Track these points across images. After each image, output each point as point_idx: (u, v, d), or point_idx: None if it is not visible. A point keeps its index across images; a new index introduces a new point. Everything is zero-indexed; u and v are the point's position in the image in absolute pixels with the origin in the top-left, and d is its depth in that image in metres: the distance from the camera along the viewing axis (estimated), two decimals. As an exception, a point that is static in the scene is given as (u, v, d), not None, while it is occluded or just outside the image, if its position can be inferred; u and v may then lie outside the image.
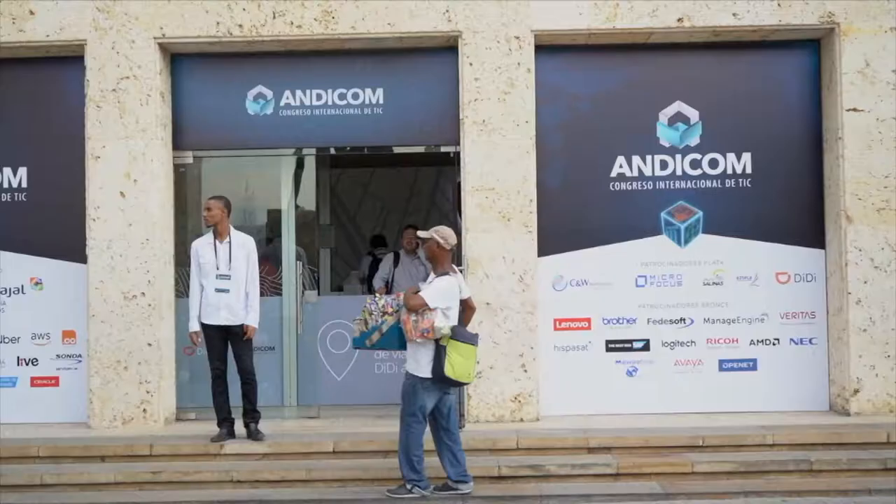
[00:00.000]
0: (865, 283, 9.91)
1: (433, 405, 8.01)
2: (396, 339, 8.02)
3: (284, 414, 10.51)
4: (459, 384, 8.05)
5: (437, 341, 7.84)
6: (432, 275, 8.13)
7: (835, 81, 10.07)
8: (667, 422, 9.74)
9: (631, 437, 9.16)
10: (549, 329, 10.28)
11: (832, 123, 10.14)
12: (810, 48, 10.41)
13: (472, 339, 8.01)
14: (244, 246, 9.31)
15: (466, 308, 8.20)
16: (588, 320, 10.35)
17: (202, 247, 9.32)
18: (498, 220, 9.97)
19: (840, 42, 10.00)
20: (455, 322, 8.00)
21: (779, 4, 9.99)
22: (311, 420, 10.27)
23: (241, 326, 9.22)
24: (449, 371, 7.82)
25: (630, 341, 10.35)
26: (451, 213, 13.86)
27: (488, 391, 9.91)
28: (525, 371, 9.92)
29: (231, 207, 9.39)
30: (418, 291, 7.95)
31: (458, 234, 10.19)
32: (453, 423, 8.18)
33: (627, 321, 10.36)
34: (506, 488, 8.42)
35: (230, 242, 9.26)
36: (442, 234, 8.12)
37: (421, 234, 8.31)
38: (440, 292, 7.91)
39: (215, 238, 9.28)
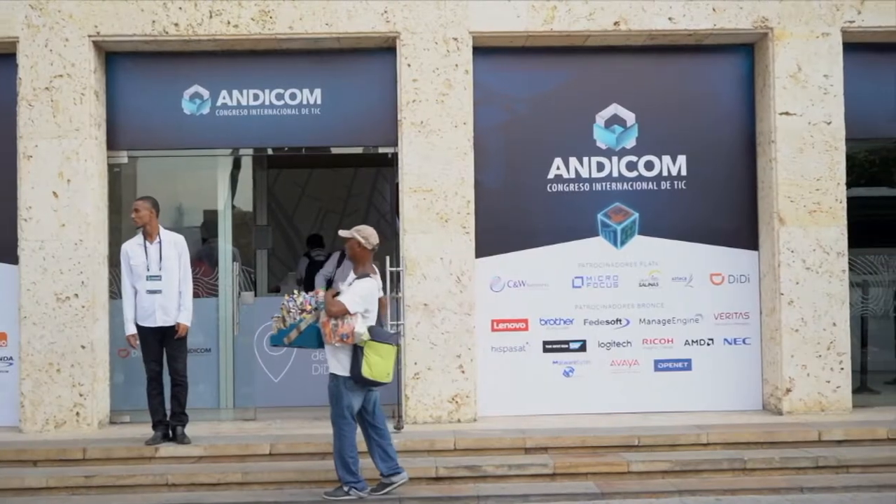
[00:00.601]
0: (797, 283, 10.06)
1: (360, 404, 7.99)
2: (315, 338, 7.98)
3: (220, 416, 10.43)
4: (378, 384, 7.98)
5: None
6: (352, 275, 8.09)
7: (768, 85, 10.21)
8: (603, 422, 9.80)
9: (567, 437, 9.21)
10: (487, 330, 10.30)
11: (765, 127, 10.28)
12: (744, 52, 10.55)
13: (390, 339, 7.99)
14: (175, 245, 9.24)
15: (380, 305, 8.18)
16: (525, 321, 10.40)
17: (132, 248, 9.23)
18: (436, 221, 9.98)
19: (773, 47, 10.14)
20: (373, 322, 7.98)
21: (714, 9, 10.11)
22: (247, 422, 10.20)
23: (175, 327, 9.16)
24: (366, 372, 7.79)
25: (567, 342, 10.41)
26: (389, 215, 13.86)
27: (426, 392, 9.91)
28: (462, 372, 9.94)
29: (159, 208, 9.31)
30: (338, 294, 7.92)
31: (397, 235, 10.22)
32: (380, 419, 8.16)
33: (564, 322, 10.42)
34: (443, 489, 8.43)
35: (160, 242, 9.18)
36: (363, 233, 8.08)
37: (342, 233, 8.23)
38: (361, 297, 7.87)
39: (145, 239, 9.19)
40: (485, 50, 10.23)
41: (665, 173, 10.50)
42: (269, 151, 11.15)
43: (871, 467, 8.77)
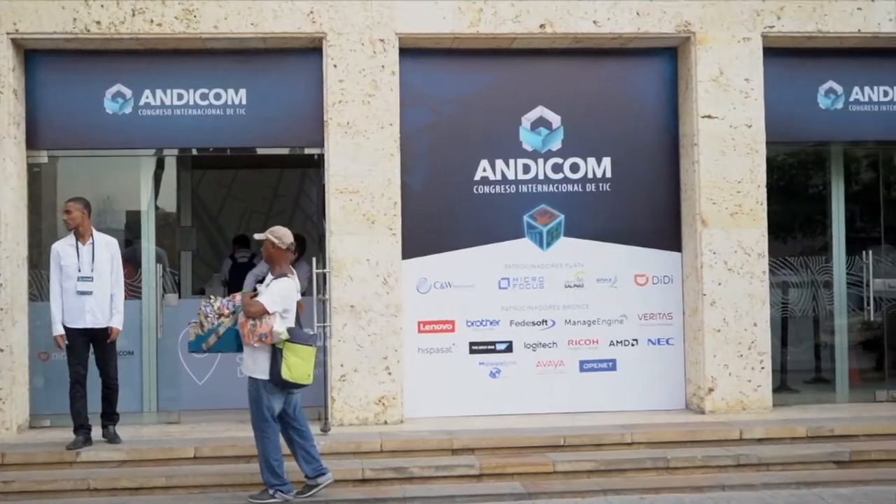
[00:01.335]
0: (720, 284, 10.21)
1: (281, 407, 7.95)
2: (234, 342, 7.95)
3: (144, 420, 10.28)
4: (298, 386, 7.94)
5: (273, 344, 7.78)
6: (270, 276, 8.05)
7: (690, 89, 10.35)
8: (529, 422, 9.85)
9: (494, 437, 9.24)
10: (414, 331, 10.30)
11: (688, 129, 10.42)
12: (668, 56, 10.68)
13: (309, 341, 7.97)
14: (108, 246, 9.14)
15: (298, 307, 8.14)
16: (452, 322, 10.41)
17: (63, 249, 9.10)
18: (362, 222, 9.95)
19: (696, 51, 10.28)
20: (292, 324, 7.94)
21: (637, 13, 10.22)
22: (171, 426, 10.08)
23: (106, 329, 9.05)
24: (286, 374, 7.76)
25: (493, 343, 10.44)
26: (316, 216, 13.78)
27: (352, 394, 9.88)
28: (389, 374, 9.92)
29: (91, 209, 9.20)
30: (256, 295, 7.87)
31: (323, 236, 10.17)
32: (301, 421, 8.12)
33: (490, 323, 10.45)
34: (370, 491, 8.41)
35: (93, 244, 9.07)
36: (277, 234, 8.04)
37: (257, 236, 8.21)
38: (279, 296, 7.83)
39: (77, 240, 9.06)
40: (412, 51, 10.23)
41: (590, 175, 10.58)
42: (194, 152, 11.02)
43: (791, 465, 8.93)
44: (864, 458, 8.98)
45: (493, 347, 10.45)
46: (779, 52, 10.47)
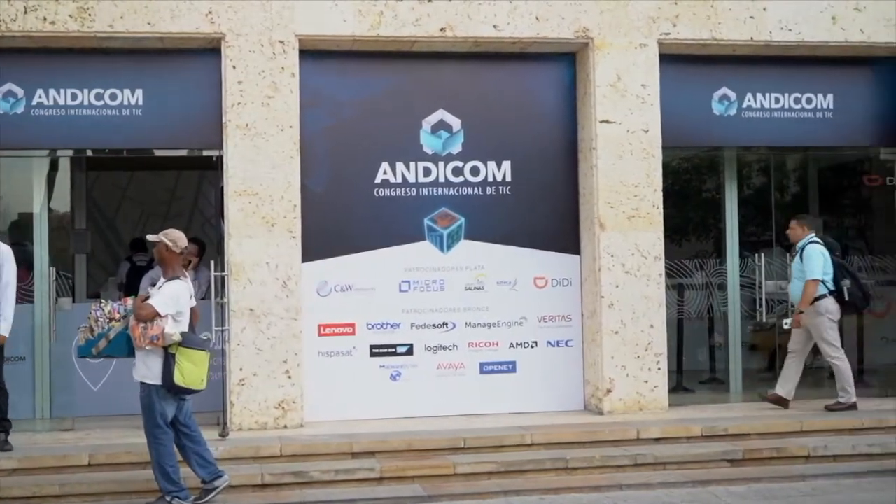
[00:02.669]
0: (617, 287, 10.35)
1: (174, 412, 7.85)
2: (125, 346, 7.81)
3: (36, 427, 10.04)
4: (191, 392, 7.84)
5: (166, 349, 7.68)
6: (162, 279, 7.95)
7: (589, 94, 10.48)
8: (430, 425, 9.86)
9: (394, 440, 9.23)
10: (314, 335, 10.23)
11: (587, 134, 10.55)
12: (567, 61, 10.80)
13: (202, 345, 7.88)
14: None
15: (192, 315, 8.04)
16: (352, 325, 10.38)
17: None
18: (261, 225, 9.86)
19: (594, 56, 10.41)
20: (185, 328, 7.84)
21: (537, 18, 10.31)
22: (65, 432, 9.84)
23: (-7, 336, 8.82)
24: (179, 379, 7.65)
25: (394, 346, 10.43)
26: (215, 218, 13.63)
27: (251, 398, 9.78)
28: (289, 377, 9.84)
29: None
30: (147, 299, 7.77)
31: (222, 239, 10.06)
32: (193, 427, 8.01)
33: (391, 326, 10.45)
34: (269, 496, 8.33)
35: (-18, 251, 8.83)
36: (171, 236, 7.93)
37: (150, 237, 8.09)
38: (170, 298, 7.73)
39: (-33, 247, 8.83)
40: (312, 53, 10.18)
41: (491, 179, 10.65)
42: (89, 153, 10.83)
43: (687, 464, 9.08)
44: (757, 456, 9.19)
45: (393, 350, 10.44)
46: (674, 59, 10.67)
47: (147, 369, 7.74)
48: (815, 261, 10.23)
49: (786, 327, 10.35)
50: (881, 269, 11.86)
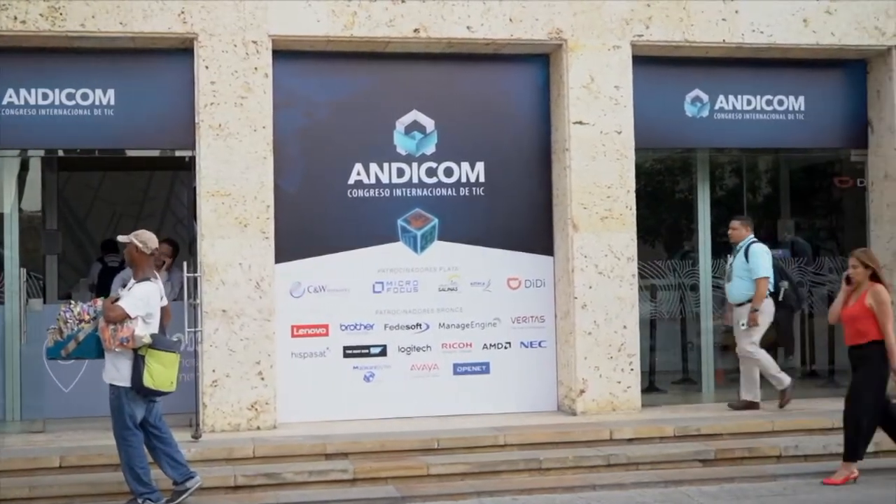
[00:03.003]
0: (590, 288, 10.38)
1: (143, 414, 7.81)
2: (94, 348, 7.76)
3: (6, 429, 9.97)
4: (160, 394, 7.80)
5: (135, 350, 7.64)
6: (132, 281, 7.91)
7: (562, 95, 10.50)
8: (403, 426, 9.85)
9: (367, 441, 9.21)
10: (287, 336, 10.21)
11: (560, 135, 10.57)
12: (540, 62, 10.82)
13: (172, 347, 7.84)
14: None
15: (164, 315, 8.02)
16: (326, 327, 10.35)
17: None
18: (234, 226, 9.82)
19: (567, 58, 10.44)
20: (156, 329, 7.80)
21: (510, 19, 10.32)
22: (35, 434, 9.77)
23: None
24: (148, 381, 7.62)
25: (367, 347, 10.42)
26: (187, 219, 13.56)
27: (224, 400, 9.73)
28: (262, 379, 9.81)
29: None
30: (118, 300, 7.73)
31: (195, 240, 10.02)
32: (163, 428, 7.98)
33: (365, 327, 10.43)
34: (242, 498, 8.31)
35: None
36: (141, 238, 7.89)
37: (121, 238, 8.07)
38: (141, 300, 7.70)
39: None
40: (285, 53, 10.15)
41: (464, 180, 10.65)
42: (60, 153, 10.75)
43: (659, 464, 9.12)
44: (729, 456, 9.23)
45: (367, 351, 10.42)
46: (647, 61, 10.71)
47: (116, 371, 7.70)
48: (763, 259, 10.36)
49: (742, 328, 10.36)
50: (852, 270, 11.90)
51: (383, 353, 10.46)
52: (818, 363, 12.73)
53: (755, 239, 10.60)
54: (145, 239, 7.89)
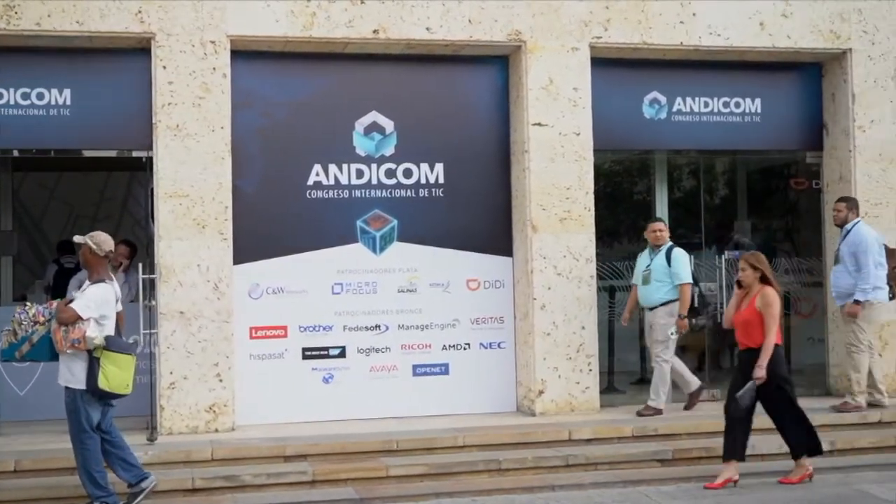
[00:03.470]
0: (549, 289, 10.41)
1: (99, 417, 7.75)
2: (48, 350, 7.69)
3: (-40, 432, 9.86)
4: (116, 396, 7.75)
5: (90, 352, 7.58)
6: (87, 282, 7.85)
7: (521, 96, 10.53)
8: (362, 427, 9.83)
9: (327, 443, 9.19)
10: (245, 337, 10.16)
11: (519, 137, 10.60)
12: (500, 64, 10.84)
13: (128, 349, 7.79)
14: None
15: (118, 317, 7.95)
16: (284, 328, 10.32)
17: None
18: (192, 227, 9.76)
19: (526, 59, 10.46)
20: (111, 331, 7.75)
21: (469, 21, 10.34)
22: (-10, 438, 9.69)
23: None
24: (103, 383, 7.56)
25: (326, 348, 10.39)
26: (144, 220, 13.47)
27: (182, 402, 9.67)
28: (220, 381, 9.76)
29: None
30: (71, 302, 7.66)
31: (152, 241, 9.94)
32: (113, 432, 7.93)
33: (324, 328, 10.40)
34: (201, 500, 8.27)
35: None
36: (95, 239, 7.84)
37: (76, 239, 8.00)
38: (93, 301, 7.64)
39: None
40: (244, 54, 10.10)
41: (423, 181, 10.65)
42: (15, 153, 10.64)
43: (618, 464, 9.18)
44: (686, 455, 9.30)
45: (326, 353, 10.39)
46: (606, 63, 10.76)
47: (71, 374, 7.64)
48: (686, 264, 10.38)
49: (672, 336, 10.32)
50: (807, 270, 12.04)
51: (342, 354, 10.44)
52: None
53: (672, 243, 10.58)
54: (99, 241, 7.82)
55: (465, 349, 10.68)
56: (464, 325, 10.69)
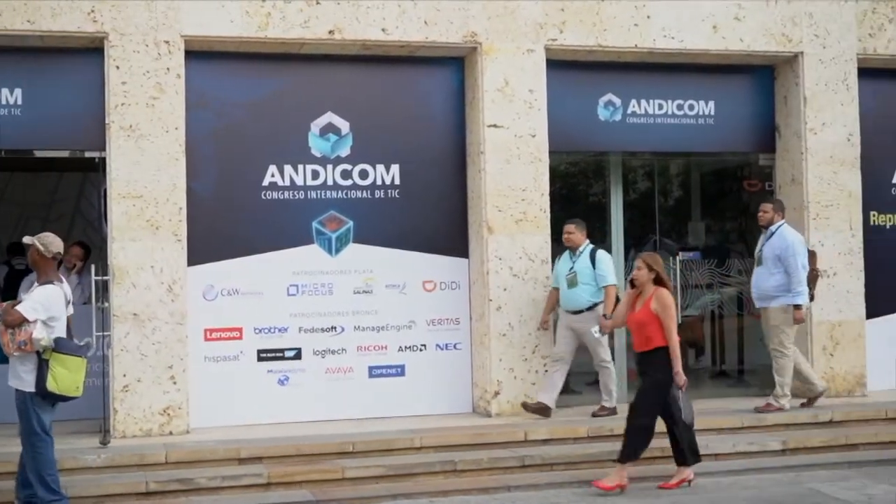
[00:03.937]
0: (505, 290, 10.43)
1: (51, 419, 7.67)
2: None
3: None
4: (65, 399, 7.65)
5: (39, 355, 7.49)
6: (35, 284, 7.77)
7: (477, 98, 10.55)
8: (318, 429, 9.80)
9: (282, 445, 9.15)
10: (200, 339, 10.10)
11: (475, 138, 10.61)
12: (456, 65, 10.85)
13: (78, 351, 7.68)
14: None
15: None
16: (240, 330, 10.26)
17: None
18: (146, 228, 9.68)
19: (482, 61, 10.48)
20: (62, 333, 7.66)
21: (425, 22, 10.34)
22: (-62, 442, 9.53)
23: None
24: (52, 385, 7.47)
25: (282, 350, 10.35)
26: (97, 221, 13.34)
27: (136, 405, 9.59)
28: (174, 383, 9.68)
29: None
30: (19, 304, 7.58)
31: (105, 242, 9.85)
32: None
33: (279, 330, 10.36)
34: (154, 504, 8.22)
35: None
36: (44, 241, 7.75)
37: (25, 240, 7.89)
38: (40, 303, 7.55)
39: None
40: (199, 54, 10.04)
41: (379, 182, 10.64)
42: (-35, 154, 10.50)
43: (574, 464, 9.22)
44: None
45: (281, 355, 10.35)
46: (561, 65, 10.81)
47: (19, 376, 7.55)
48: (610, 266, 10.37)
49: (596, 336, 10.10)
50: (760, 271, 12.12)
51: (298, 356, 10.40)
52: (728, 363, 12.95)
53: (592, 245, 10.51)
54: (47, 242, 7.73)
55: (421, 350, 10.68)
56: (420, 326, 10.69)
